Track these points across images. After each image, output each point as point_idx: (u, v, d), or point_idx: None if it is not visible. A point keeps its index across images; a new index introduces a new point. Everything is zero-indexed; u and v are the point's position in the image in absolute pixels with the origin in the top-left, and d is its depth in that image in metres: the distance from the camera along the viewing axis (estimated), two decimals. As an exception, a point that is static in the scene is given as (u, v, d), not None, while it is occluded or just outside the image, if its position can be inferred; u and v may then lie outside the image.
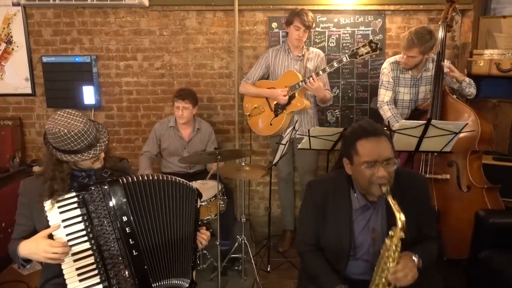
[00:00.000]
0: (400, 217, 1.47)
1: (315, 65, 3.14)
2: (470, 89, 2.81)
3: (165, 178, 1.70)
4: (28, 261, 1.60)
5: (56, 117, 1.59)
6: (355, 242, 1.68)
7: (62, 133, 1.54)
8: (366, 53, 2.82)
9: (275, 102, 3.11)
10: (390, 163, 1.55)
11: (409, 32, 2.76)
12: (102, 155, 1.70)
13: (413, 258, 1.56)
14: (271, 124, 3.14)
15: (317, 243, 1.76)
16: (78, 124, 1.58)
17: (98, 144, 1.64)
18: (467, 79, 2.80)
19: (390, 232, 1.52)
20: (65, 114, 1.60)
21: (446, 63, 2.73)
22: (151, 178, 1.67)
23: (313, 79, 2.89)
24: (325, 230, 1.72)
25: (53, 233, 1.53)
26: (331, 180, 1.77)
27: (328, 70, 2.94)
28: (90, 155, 1.61)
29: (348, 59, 2.88)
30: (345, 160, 1.67)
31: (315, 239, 1.76)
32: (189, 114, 3.11)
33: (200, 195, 1.82)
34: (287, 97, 3.02)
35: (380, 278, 1.55)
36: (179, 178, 1.75)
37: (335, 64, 2.91)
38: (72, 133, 1.55)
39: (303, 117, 3.17)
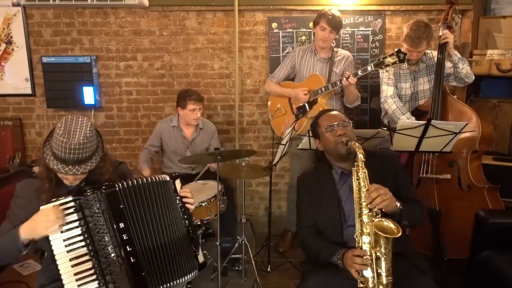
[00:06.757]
0: (359, 151, 1.70)
1: (342, 69, 3.05)
2: (464, 65, 2.74)
3: (154, 180, 1.67)
4: (26, 246, 1.56)
5: (78, 119, 1.57)
6: (343, 210, 1.85)
7: (60, 132, 1.52)
8: (393, 63, 2.64)
9: (296, 106, 3.08)
10: (345, 125, 1.88)
11: (408, 30, 2.72)
12: (76, 179, 1.64)
13: (385, 188, 1.65)
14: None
15: (315, 226, 1.91)
16: (79, 136, 1.53)
17: (71, 167, 1.54)
18: (458, 54, 2.76)
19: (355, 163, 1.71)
20: (82, 123, 1.57)
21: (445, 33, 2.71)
22: (140, 182, 1.63)
23: (349, 78, 2.77)
24: (319, 210, 1.90)
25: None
26: (314, 168, 2.22)
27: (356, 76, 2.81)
28: (60, 168, 1.54)
29: (373, 68, 2.72)
30: (316, 141, 2.01)
31: (313, 222, 1.91)
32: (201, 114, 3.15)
33: (176, 177, 1.77)
34: (307, 96, 2.97)
35: (360, 208, 1.67)
36: (156, 176, 1.71)
37: (360, 73, 2.77)
38: (70, 141, 1.51)
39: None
